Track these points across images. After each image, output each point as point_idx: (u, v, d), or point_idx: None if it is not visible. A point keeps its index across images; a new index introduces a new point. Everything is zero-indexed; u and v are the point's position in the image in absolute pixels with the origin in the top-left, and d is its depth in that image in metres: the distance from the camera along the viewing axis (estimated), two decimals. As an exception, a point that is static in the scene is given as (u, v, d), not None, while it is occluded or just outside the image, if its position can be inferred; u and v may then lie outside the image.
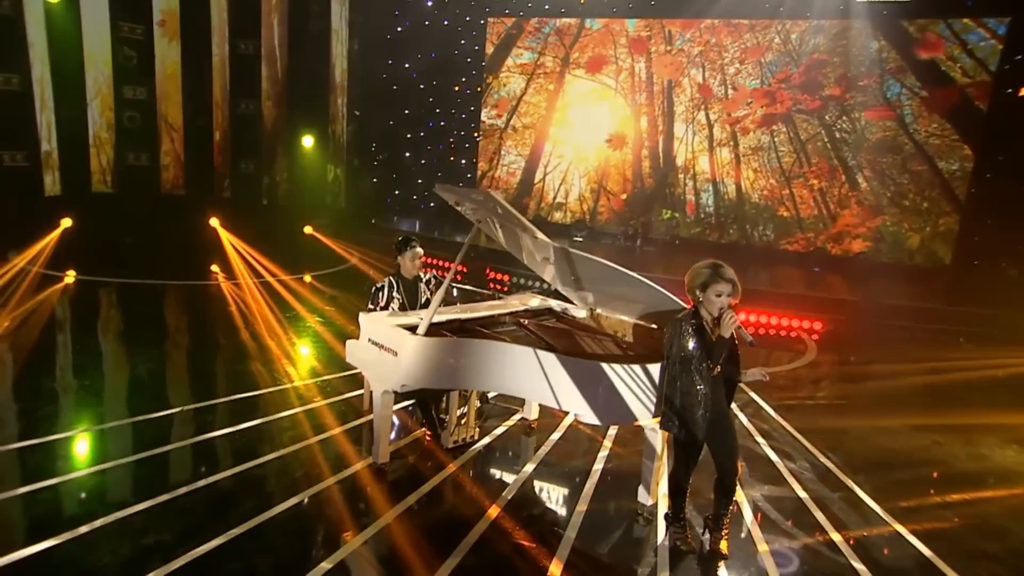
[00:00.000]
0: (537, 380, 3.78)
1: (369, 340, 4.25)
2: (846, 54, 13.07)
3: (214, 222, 12.28)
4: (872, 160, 13.01)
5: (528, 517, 3.92)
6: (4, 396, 5.14)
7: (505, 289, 10.39)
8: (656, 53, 14.62)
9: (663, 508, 3.94)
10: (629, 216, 14.98)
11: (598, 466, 4.64)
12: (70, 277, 9.22)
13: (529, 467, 4.58)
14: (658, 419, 3.55)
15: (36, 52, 10.01)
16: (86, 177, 11.18)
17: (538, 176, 15.86)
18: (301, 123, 12.75)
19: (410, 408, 5.22)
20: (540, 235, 4.28)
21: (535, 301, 5.19)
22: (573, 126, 15.39)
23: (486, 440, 4.93)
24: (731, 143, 14.14)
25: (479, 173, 16.56)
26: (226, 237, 11.50)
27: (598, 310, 4.82)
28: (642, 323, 4.52)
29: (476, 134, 16.42)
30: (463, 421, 4.86)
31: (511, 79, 15.96)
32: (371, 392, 5.00)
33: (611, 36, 14.92)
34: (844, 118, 13.21)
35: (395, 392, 4.15)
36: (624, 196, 15.09)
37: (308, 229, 12.85)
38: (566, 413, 5.37)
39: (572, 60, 15.29)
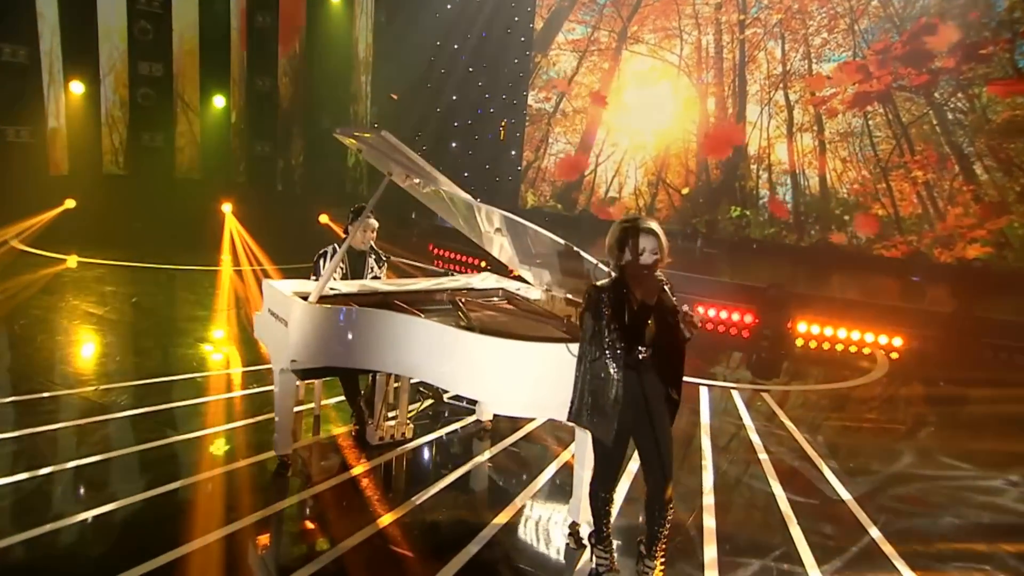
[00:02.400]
0: (436, 358, 3.52)
1: (268, 310, 4.12)
2: (963, 16, 11.91)
3: (226, 208, 12.76)
4: (996, 146, 11.72)
5: (427, 529, 3.65)
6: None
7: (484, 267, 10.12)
8: (727, 24, 13.98)
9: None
10: (691, 213, 14.32)
11: (544, 477, 4.27)
12: (72, 261, 9.83)
13: (456, 474, 4.28)
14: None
15: (46, 23, 10.82)
16: (97, 157, 11.91)
17: (589, 167, 15.51)
18: (320, 102, 13.07)
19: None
20: (462, 194, 4.00)
21: (489, 280, 4.91)
22: (629, 110, 14.96)
23: (420, 440, 4.69)
24: (815, 128, 13.22)
25: (524, 164, 16.41)
26: (232, 225, 11.92)
27: (554, 291, 4.47)
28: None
29: (522, 119, 16.30)
30: (395, 416, 4.65)
31: (561, 57, 15.76)
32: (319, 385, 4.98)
33: (675, 5, 14.43)
34: (959, 95, 12.01)
35: (293, 371, 3.98)
36: (686, 190, 14.47)
37: (324, 218, 13.11)
38: (530, 419, 5.06)
39: (630, 34, 14.92)
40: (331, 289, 4.21)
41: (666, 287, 3.10)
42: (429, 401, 5.21)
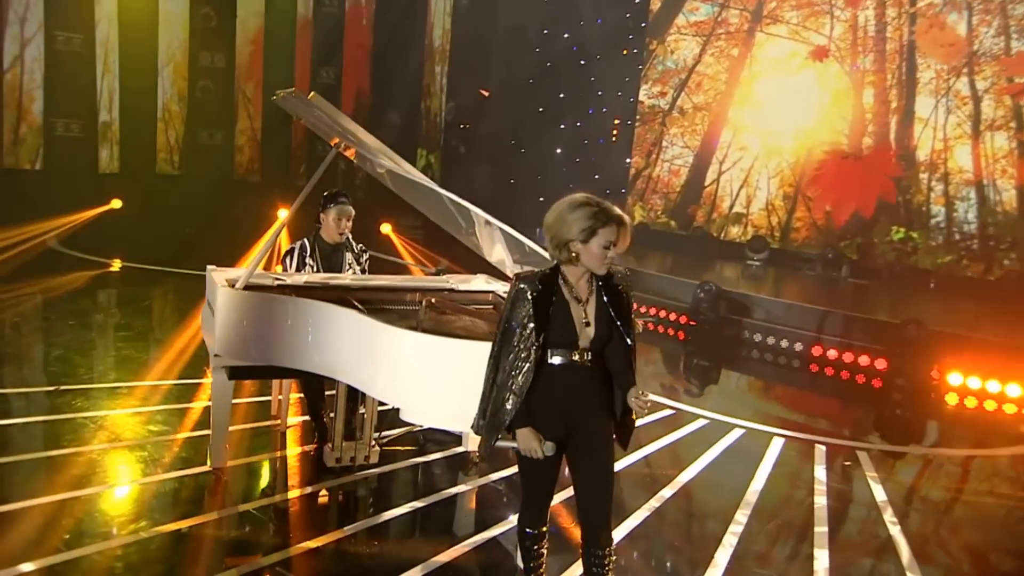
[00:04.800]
0: (357, 357, 3.53)
1: (207, 301, 4.31)
2: None
3: (282, 214, 13.61)
4: None
5: (344, 560, 3.64)
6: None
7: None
8: (892, -5, 13.20)
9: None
10: (839, 234, 13.44)
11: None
12: (116, 265, 10.92)
13: (408, 507, 4.22)
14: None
15: (103, 10, 12.20)
16: (150, 155, 13.18)
17: (710, 176, 15.07)
18: (387, 96, 13.70)
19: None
20: (417, 176, 4.01)
21: (478, 282, 4.86)
22: (762, 105, 14.42)
23: (385, 468, 4.67)
24: (1012, 125, 12.02)
25: (632, 171, 16.24)
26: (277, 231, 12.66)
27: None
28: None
29: (632, 120, 16.20)
30: (359, 436, 4.67)
31: (681, 44, 15.56)
32: (281, 395, 5.16)
33: (824, -24, 13.85)
34: None
35: (224, 368, 4.11)
36: (832, 206, 13.63)
37: (386, 228, 13.61)
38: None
39: (766, 12, 14.46)
40: (276, 280, 4.34)
41: (621, 285, 2.97)
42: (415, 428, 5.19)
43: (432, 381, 3.32)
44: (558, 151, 17.67)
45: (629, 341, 2.94)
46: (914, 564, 4.05)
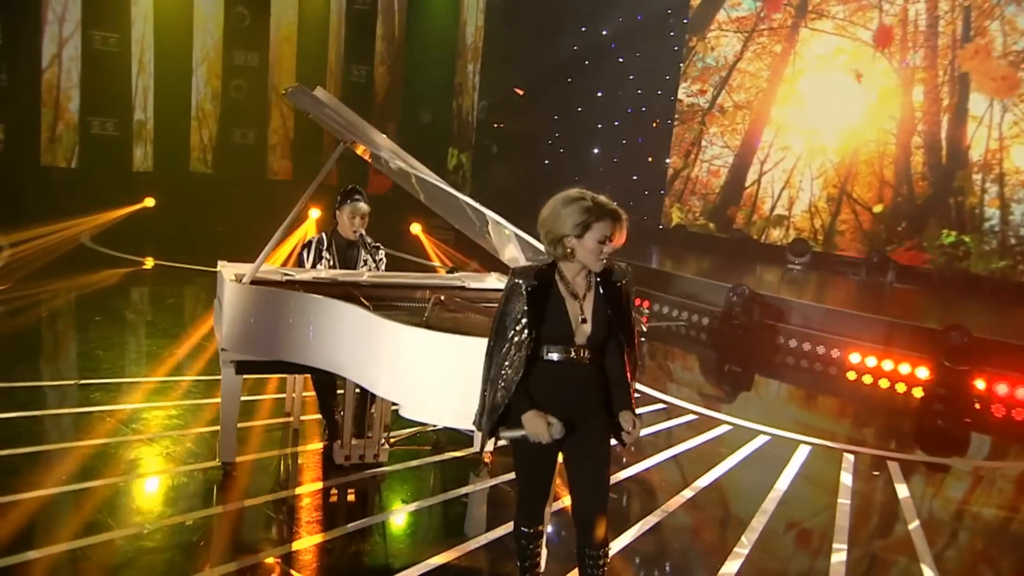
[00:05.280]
0: (361, 353, 3.60)
1: (217, 296, 4.43)
2: None
3: (314, 214, 13.85)
4: None
5: (345, 557, 3.73)
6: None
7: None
8: (944, -13, 12.93)
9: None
10: (886, 238, 13.20)
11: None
12: (148, 263, 11.26)
13: (412, 506, 4.30)
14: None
15: (139, 9, 12.58)
16: (184, 154, 13.54)
17: (751, 177, 14.92)
18: (418, 95, 13.85)
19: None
20: (428, 175, 4.08)
21: (490, 280, 4.92)
22: (806, 104, 14.24)
23: (394, 467, 4.75)
24: (1070, 124, 11.70)
25: (670, 172, 16.16)
26: (305, 230, 12.92)
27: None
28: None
29: (671, 119, 16.13)
30: (370, 434, 4.75)
31: (722, 40, 15.44)
32: (294, 393, 5.29)
33: (872, -32, 13.63)
34: None
35: (232, 363, 4.22)
36: (879, 208, 13.39)
37: (416, 228, 13.75)
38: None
39: (811, 7, 14.28)
40: (285, 276, 4.44)
41: (620, 282, 2.99)
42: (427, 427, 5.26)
43: (432, 377, 3.37)
44: (595, 151, 17.68)
45: (626, 340, 2.96)
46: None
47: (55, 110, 12.58)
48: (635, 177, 16.79)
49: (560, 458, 3.03)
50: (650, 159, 16.47)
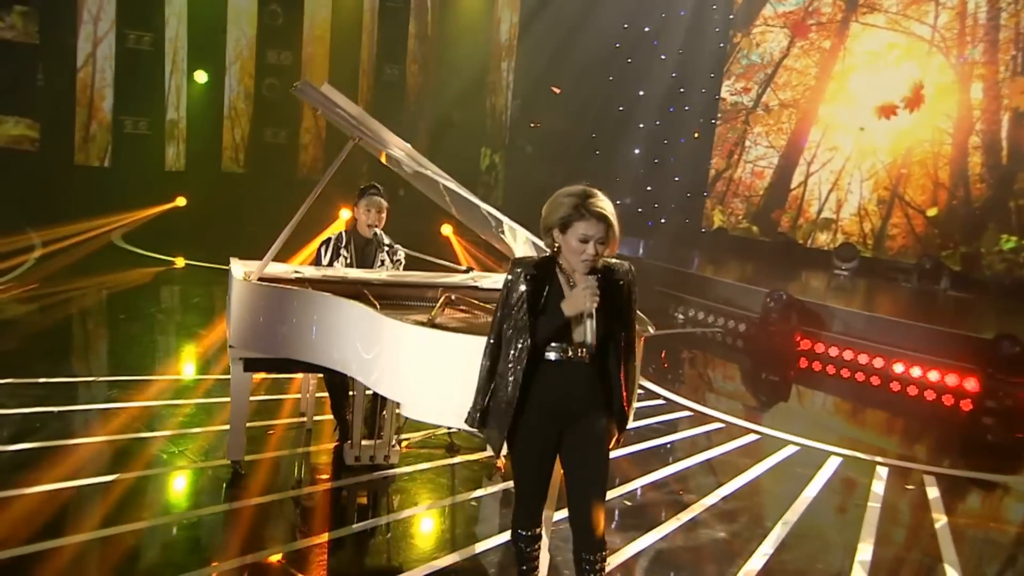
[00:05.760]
0: (364, 351, 3.63)
1: (228, 293, 4.51)
2: None
3: (345, 215, 14.04)
4: None
5: (348, 559, 3.77)
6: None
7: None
8: (1005, -21, 12.60)
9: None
10: (940, 243, 12.90)
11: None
12: (179, 263, 11.54)
13: (421, 507, 4.33)
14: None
15: (173, 8, 12.91)
16: (216, 153, 13.84)
17: (797, 178, 14.72)
18: (450, 93, 13.95)
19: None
20: (441, 176, 4.10)
21: (502, 279, 4.91)
22: (855, 102, 14.00)
23: (404, 469, 4.79)
24: None
25: (711, 173, 16.01)
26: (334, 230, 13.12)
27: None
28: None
29: (714, 118, 16.00)
30: (382, 435, 4.80)
31: (768, 36, 15.27)
32: (308, 393, 5.37)
33: (928, -41, 13.35)
34: None
35: (241, 360, 4.30)
36: (933, 211, 13.10)
37: (447, 229, 13.83)
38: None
39: (862, 1, 14.05)
40: (295, 273, 4.51)
41: (622, 280, 2.97)
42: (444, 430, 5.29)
43: (432, 376, 3.37)
44: (636, 151, 17.60)
45: (626, 341, 2.96)
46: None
47: (89, 109, 12.98)
48: (677, 179, 16.69)
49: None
50: (691, 161, 16.36)
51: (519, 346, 2.89)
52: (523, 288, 2.90)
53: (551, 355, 2.91)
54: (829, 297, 11.05)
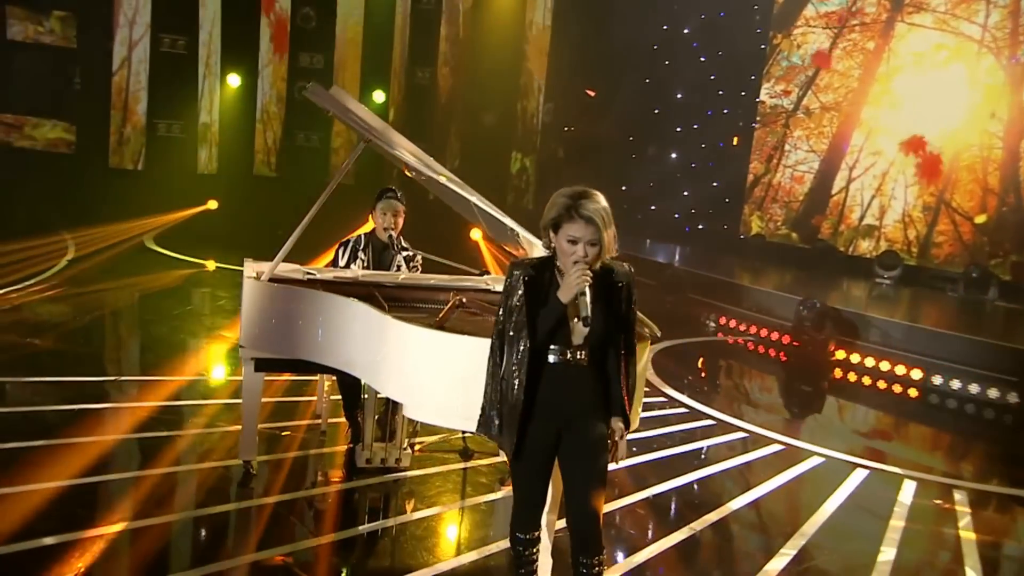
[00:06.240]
0: (369, 352, 3.72)
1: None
2: None
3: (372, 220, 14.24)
4: None
5: (353, 561, 3.87)
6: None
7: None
8: (1059, -24, 12.36)
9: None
10: (989, 251, 12.66)
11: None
12: (210, 266, 11.81)
13: (422, 514, 4.40)
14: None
15: (207, 11, 13.23)
16: (248, 157, 14.13)
17: (838, 184, 14.55)
18: (481, 96, 14.07)
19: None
20: (452, 180, 4.18)
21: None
22: (901, 105, 13.83)
23: (415, 472, 4.87)
24: None
25: (750, 178, 15.89)
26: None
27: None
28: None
29: (753, 121, 15.89)
30: (394, 439, 4.88)
31: (808, 37, 15.14)
32: (323, 395, 5.49)
33: (977, -44, 13.14)
34: None
35: (253, 359, 4.42)
36: (982, 219, 12.86)
37: (476, 234, 13.93)
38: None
39: (908, 0, 13.85)
40: (308, 275, 4.62)
41: (621, 281, 3.01)
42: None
43: (436, 377, 3.44)
44: (673, 156, 17.55)
45: (625, 344, 3.00)
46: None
47: (123, 112, 13.36)
48: (715, 184, 16.59)
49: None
50: (730, 166, 16.27)
51: (521, 348, 2.95)
52: (522, 290, 2.96)
53: (551, 357, 2.96)
54: (871, 306, 10.92)
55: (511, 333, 2.97)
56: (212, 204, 13.39)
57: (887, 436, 7.39)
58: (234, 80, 13.79)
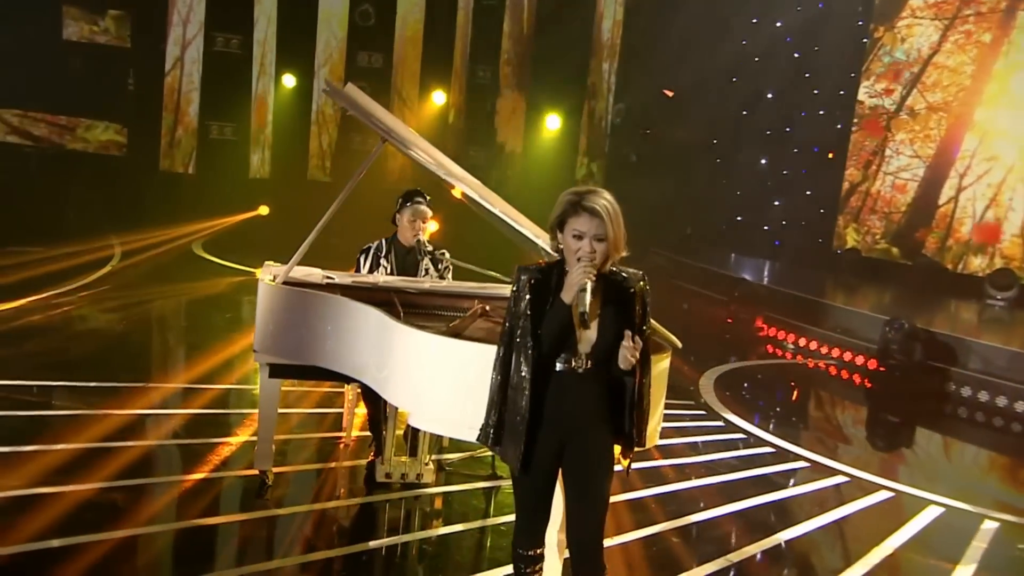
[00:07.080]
0: (378, 358, 3.85)
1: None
2: None
3: (431, 227, 14.51)
4: None
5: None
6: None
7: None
8: None
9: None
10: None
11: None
12: (259, 272, 12.31)
13: (438, 531, 4.49)
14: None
15: (263, 8, 13.78)
16: (303, 161, 14.62)
17: (946, 193, 14.11)
18: (547, 97, 14.21)
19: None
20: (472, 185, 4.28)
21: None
22: (1020, 106, 13.35)
23: (436, 489, 4.96)
24: None
25: (845, 186, 15.57)
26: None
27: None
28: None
29: (850, 123, 15.60)
30: (418, 455, 4.99)
31: (914, 30, 14.79)
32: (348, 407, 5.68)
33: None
34: None
35: (268, 365, 4.61)
36: (1114, 232, 12.29)
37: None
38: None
39: (1029, -12, 13.42)
40: (327, 279, 4.80)
41: (634, 288, 3.06)
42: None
43: (441, 385, 3.52)
44: (762, 161, 17.31)
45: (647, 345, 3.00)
46: None
47: (175, 114, 14.03)
48: (808, 192, 16.29)
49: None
50: (825, 172, 15.97)
51: (528, 355, 3.02)
52: (529, 296, 3.04)
53: (557, 365, 3.01)
54: (983, 331, 10.56)
55: (518, 340, 3.05)
56: (263, 210, 13.90)
57: (971, 472, 7.13)
58: (289, 80, 14.30)
